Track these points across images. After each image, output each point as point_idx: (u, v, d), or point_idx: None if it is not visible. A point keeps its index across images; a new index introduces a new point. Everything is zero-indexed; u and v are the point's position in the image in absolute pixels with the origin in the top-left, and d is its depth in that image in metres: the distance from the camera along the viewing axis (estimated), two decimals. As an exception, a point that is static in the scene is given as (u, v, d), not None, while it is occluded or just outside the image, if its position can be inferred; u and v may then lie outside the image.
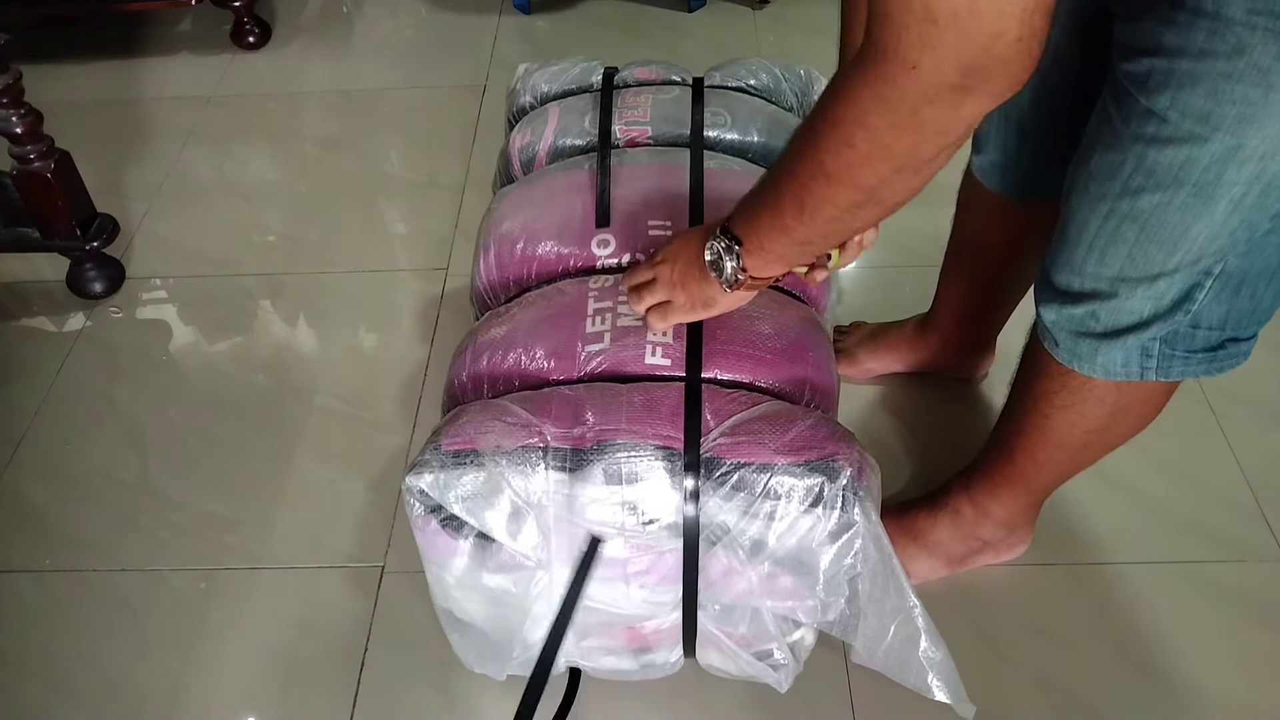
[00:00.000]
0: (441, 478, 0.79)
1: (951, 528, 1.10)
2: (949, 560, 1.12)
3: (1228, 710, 1.02)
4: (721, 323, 0.90)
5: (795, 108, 1.24)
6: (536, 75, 1.24)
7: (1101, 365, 0.86)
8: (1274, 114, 0.65)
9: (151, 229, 1.67)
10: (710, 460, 0.79)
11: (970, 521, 1.09)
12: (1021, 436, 0.99)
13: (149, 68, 2.08)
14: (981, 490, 1.07)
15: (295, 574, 1.17)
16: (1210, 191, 0.71)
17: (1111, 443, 0.97)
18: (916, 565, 1.11)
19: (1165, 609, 1.10)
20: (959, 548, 1.11)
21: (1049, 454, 0.98)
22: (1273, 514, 1.17)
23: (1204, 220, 0.73)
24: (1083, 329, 0.85)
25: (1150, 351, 0.84)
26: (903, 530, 1.12)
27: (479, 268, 1.04)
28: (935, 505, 1.12)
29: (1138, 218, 0.75)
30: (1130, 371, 0.86)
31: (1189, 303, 0.79)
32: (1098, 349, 0.85)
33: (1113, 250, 0.78)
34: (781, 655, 0.89)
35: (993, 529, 1.09)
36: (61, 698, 1.07)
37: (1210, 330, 0.82)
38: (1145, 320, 0.81)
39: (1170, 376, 0.86)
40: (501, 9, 2.19)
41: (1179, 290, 0.79)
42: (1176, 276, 0.77)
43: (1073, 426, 0.93)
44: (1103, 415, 0.91)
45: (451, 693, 1.05)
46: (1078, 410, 0.91)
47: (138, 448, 1.33)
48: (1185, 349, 0.83)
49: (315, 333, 1.48)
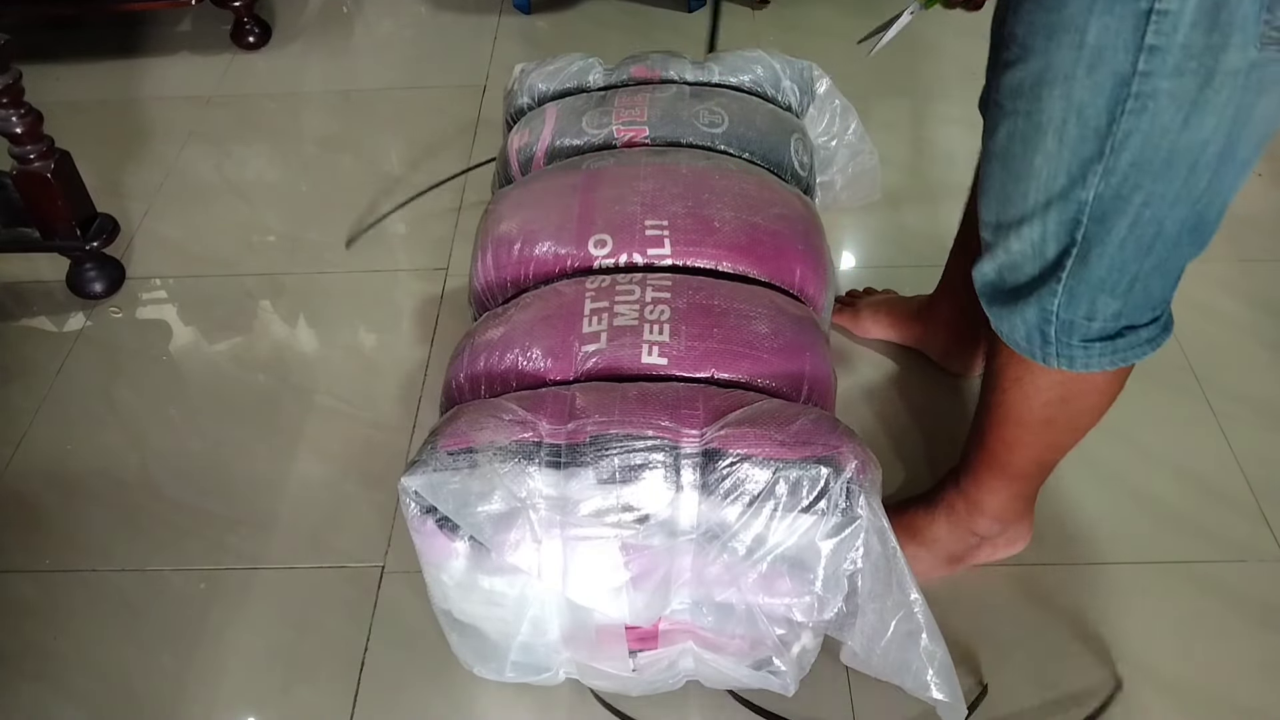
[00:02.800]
0: (437, 478, 0.79)
1: (948, 524, 1.10)
2: (948, 558, 1.11)
3: (1228, 711, 1.02)
4: (719, 321, 0.90)
5: (795, 106, 1.24)
6: (534, 75, 1.24)
7: (1008, 334, 0.89)
8: (1069, 29, 0.69)
9: (151, 229, 1.67)
10: (712, 452, 0.79)
11: (964, 516, 1.09)
12: (988, 417, 0.99)
13: (149, 68, 2.08)
14: (970, 482, 1.07)
15: (295, 574, 1.17)
16: (1037, 118, 0.74)
17: (1077, 422, 0.97)
18: (917, 564, 1.09)
19: (1165, 609, 1.09)
20: (956, 544, 1.11)
21: (1015, 434, 0.98)
22: (1273, 514, 1.17)
23: (1040, 152, 0.76)
24: (996, 289, 0.88)
25: (1049, 337, 0.86)
26: (901, 529, 1.09)
27: (476, 268, 1.04)
28: (931, 503, 1.12)
29: (999, 153, 0.80)
30: (1033, 351, 0.88)
31: (1060, 270, 0.81)
32: (1002, 315, 0.88)
33: (990, 192, 0.83)
34: (782, 662, 0.89)
35: (987, 523, 1.09)
36: (61, 698, 1.07)
37: (1106, 320, 0.84)
38: (1035, 279, 0.83)
39: (1075, 366, 0.87)
40: (501, 9, 2.19)
41: (1053, 249, 0.80)
42: (1039, 224, 0.79)
43: (1028, 400, 0.93)
44: (1052, 388, 0.91)
45: (451, 693, 1.05)
46: (1029, 383, 0.92)
47: (138, 448, 1.33)
48: (1082, 338, 0.85)
49: (315, 333, 1.48)
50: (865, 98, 1.28)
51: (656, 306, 0.91)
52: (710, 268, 0.99)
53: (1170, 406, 1.29)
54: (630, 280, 0.94)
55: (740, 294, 0.95)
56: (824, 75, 1.27)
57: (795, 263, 1.01)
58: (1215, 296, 1.43)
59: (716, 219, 1.00)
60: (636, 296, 0.92)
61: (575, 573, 0.81)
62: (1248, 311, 1.41)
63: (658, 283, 0.94)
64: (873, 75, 1.77)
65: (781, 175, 1.14)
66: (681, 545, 0.80)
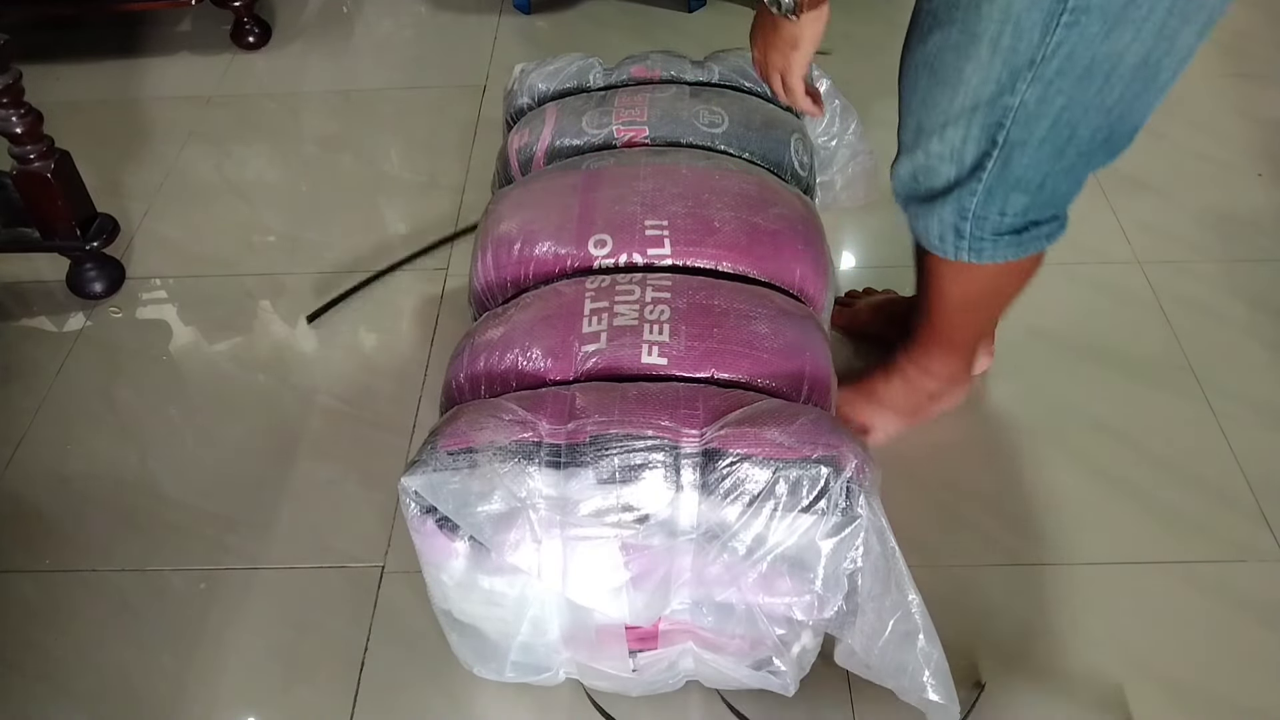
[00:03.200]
0: (437, 478, 0.79)
1: (902, 386, 1.23)
2: (905, 414, 1.24)
3: (1228, 711, 1.02)
4: (719, 321, 0.90)
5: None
6: (533, 75, 1.24)
7: (924, 232, 0.99)
8: None
9: (151, 229, 1.67)
10: (712, 452, 0.79)
11: (916, 379, 1.22)
12: (924, 302, 1.12)
13: (149, 68, 2.08)
14: (918, 353, 1.20)
15: (295, 574, 1.17)
16: (974, 28, 0.79)
17: (1000, 298, 1.10)
18: (880, 421, 1.24)
19: (1165, 609, 1.09)
20: (910, 402, 1.24)
21: (948, 315, 1.11)
22: (1273, 514, 1.17)
23: (973, 61, 0.81)
24: (911, 192, 0.97)
25: (962, 232, 0.95)
26: (862, 394, 1.24)
27: (476, 268, 1.04)
28: (887, 372, 1.25)
29: (928, 61, 0.85)
30: (946, 248, 0.97)
31: (981, 171, 0.88)
32: (919, 215, 0.97)
33: (913, 98, 0.89)
34: (782, 662, 0.89)
35: (935, 383, 1.22)
36: (61, 698, 1.08)
37: (1015, 216, 0.93)
38: (951, 183, 0.91)
39: (983, 258, 0.97)
40: (501, 9, 2.19)
41: (972, 153, 0.87)
42: (962, 128, 0.86)
43: (956, 286, 1.05)
44: (974, 277, 1.02)
45: (452, 693, 1.05)
46: (953, 273, 1.02)
47: (138, 448, 1.33)
48: (993, 231, 0.94)
49: (315, 333, 1.48)
50: (865, 98, 1.28)
51: (656, 306, 0.91)
52: (710, 268, 0.99)
53: (1170, 406, 1.29)
54: (630, 280, 0.95)
55: (740, 294, 0.95)
56: (824, 75, 1.27)
57: (795, 263, 1.01)
58: (1215, 296, 1.43)
59: (716, 219, 1.00)
60: (636, 296, 0.92)
61: (575, 573, 0.81)
62: (1248, 311, 1.41)
63: (658, 283, 0.94)
64: (873, 75, 1.76)
65: (781, 175, 1.14)
66: (681, 545, 0.80)
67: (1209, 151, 1.69)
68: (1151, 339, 1.38)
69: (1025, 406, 1.30)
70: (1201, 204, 1.58)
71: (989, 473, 1.23)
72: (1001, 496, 1.20)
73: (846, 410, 1.24)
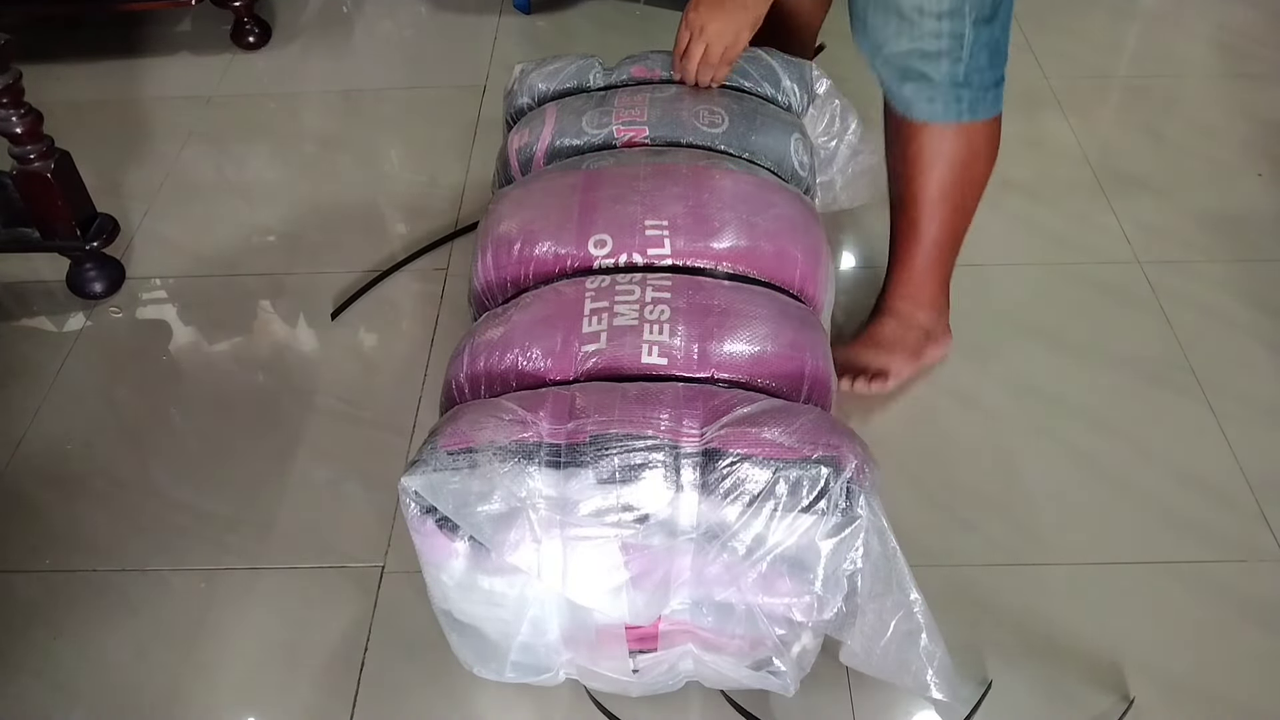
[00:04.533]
0: (437, 478, 0.79)
1: (897, 325, 1.31)
2: (910, 353, 1.31)
3: (1228, 711, 1.02)
4: (719, 321, 0.90)
5: (795, 106, 1.24)
6: (533, 75, 1.24)
7: (929, 108, 1.13)
8: None
9: (151, 229, 1.67)
10: (712, 452, 0.79)
11: (909, 315, 1.31)
12: (899, 201, 1.24)
13: (149, 68, 2.08)
14: (904, 286, 1.30)
15: (295, 574, 1.17)
16: None
17: (973, 184, 1.22)
18: (894, 364, 1.30)
19: (1165, 609, 1.09)
20: (910, 339, 1.31)
21: (928, 209, 1.22)
22: (1273, 514, 1.17)
23: None
24: (905, 74, 1.11)
25: (961, 97, 1.12)
26: (868, 345, 1.31)
27: (476, 268, 1.04)
28: (879, 315, 1.33)
29: None
30: (950, 114, 1.13)
31: (970, 38, 1.07)
32: (920, 91, 1.12)
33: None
34: (782, 663, 0.89)
35: (925, 315, 1.31)
36: (61, 698, 1.08)
37: (995, 71, 1.12)
38: (939, 52, 1.08)
39: (978, 115, 1.14)
40: (501, 9, 2.19)
41: (955, 26, 1.06)
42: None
43: (933, 169, 1.18)
44: (947, 157, 1.17)
45: (452, 693, 1.05)
46: (929, 152, 1.16)
47: (138, 448, 1.33)
48: (980, 87, 1.12)
49: (315, 333, 1.48)
50: (865, 98, 1.28)
51: (656, 306, 0.91)
52: (710, 268, 0.99)
53: (1170, 406, 1.30)
54: (630, 280, 0.95)
55: (740, 294, 0.95)
56: (824, 75, 1.27)
57: (795, 263, 1.01)
58: (1215, 296, 1.43)
59: (716, 219, 1.00)
60: (636, 296, 0.92)
61: (575, 573, 0.81)
62: (1248, 311, 1.41)
63: (658, 283, 0.94)
64: (873, 75, 1.77)
65: (781, 175, 1.14)
66: (681, 545, 0.80)
67: (1209, 151, 1.69)
68: (1151, 339, 1.38)
69: (1025, 406, 1.30)
70: (1201, 204, 1.58)
71: (989, 473, 1.23)
72: (1001, 496, 1.20)
73: (859, 362, 1.31)
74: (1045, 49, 1.92)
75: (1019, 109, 1.76)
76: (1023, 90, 1.78)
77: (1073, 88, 1.82)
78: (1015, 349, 1.37)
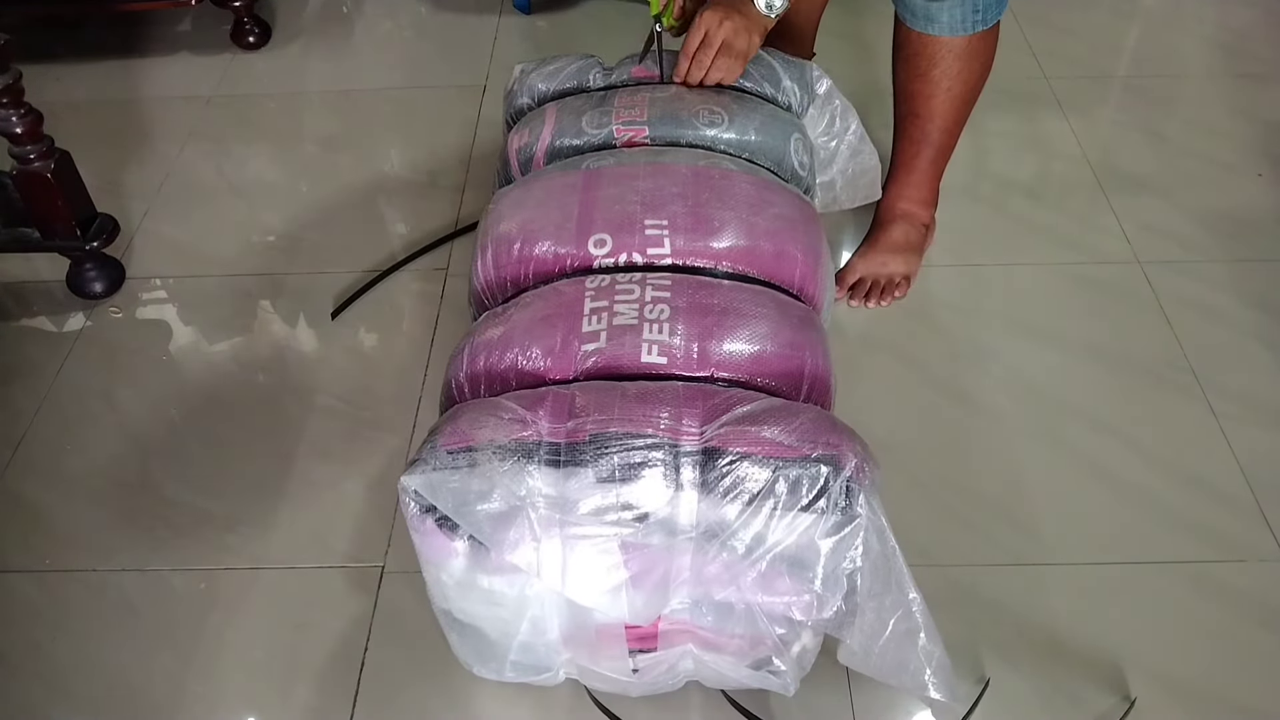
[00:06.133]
0: (436, 477, 0.79)
1: (906, 225, 1.42)
2: (918, 252, 1.43)
3: (1228, 711, 1.02)
4: (719, 320, 0.90)
5: (795, 106, 1.24)
6: (533, 75, 1.25)
7: (949, 21, 1.22)
8: None
9: (151, 229, 1.67)
10: (711, 451, 0.79)
11: (914, 215, 1.42)
12: (909, 112, 1.33)
13: (149, 68, 2.09)
14: (907, 184, 1.40)
15: (295, 574, 1.17)
16: None
17: (978, 88, 1.32)
18: (910, 265, 1.42)
19: (1165, 609, 1.09)
20: (917, 238, 1.43)
21: (937, 117, 1.32)
22: (1273, 514, 1.17)
23: None
24: None
25: (977, 6, 1.21)
26: (880, 250, 1.41)
27: (476, 268, 1.04)
28: (887, 222, 1.43)
29: None
30: (967, 25, 1.22)
31: None
32: (942, 8, 1.20)
33: None
34: (781, 662, 0.89)
35: (927, 213, 1.43)
36: (61, 698, 1.08)
37: None
38: None
39: (989, 22, 1.23)
40: (501, 9, 2.19)
41: None
42: None
43: (945, 79, 1.27)
44: (952, 66, 1.27)
45: (452, 693, 1.05)
46: (945, 63, 1.26)
47: (138, 448, 1.33)
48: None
49: (315, 333, 1.48)
50: (865, 98, 1.29)
51: (656, 306, 0.91)
52: (710, 267, 0.99)
53: (1170, 406, 1.30)
54: (630, 279, 0.95)
55: (740, 293, 0.95)
56: (824, 75, 1.27)
57: (795, 263, 1.01)
58: (1215, 296, 1.43)
59: (716, 219, 1.00)
60: (636, 296, 0.92)
61: (575, 572, 0.81)
62: (1248, 311, 1.41)
63: (657, 282, 0.94)
64: (873, 75, 1.77)
65: (781, 175, 1.14)
66: (681, 544, 0.80)
67: (1209, 151, 1.69)
68: (1151, 339, 1.38)
69: (1025, 406, 1.30)
70: (1201, 204, 1.58)
71: (989, 473, 1.23)
72: (1001, 496, 1.20)
73: (882, 273, 1.40)
74: (1045, 49, 1.92)
75: (1019, 109, 1.77)
76: (1023, 90, 1.78)
77: (1073, 88, 1.82)
78: (1015, 349, 1.37)
